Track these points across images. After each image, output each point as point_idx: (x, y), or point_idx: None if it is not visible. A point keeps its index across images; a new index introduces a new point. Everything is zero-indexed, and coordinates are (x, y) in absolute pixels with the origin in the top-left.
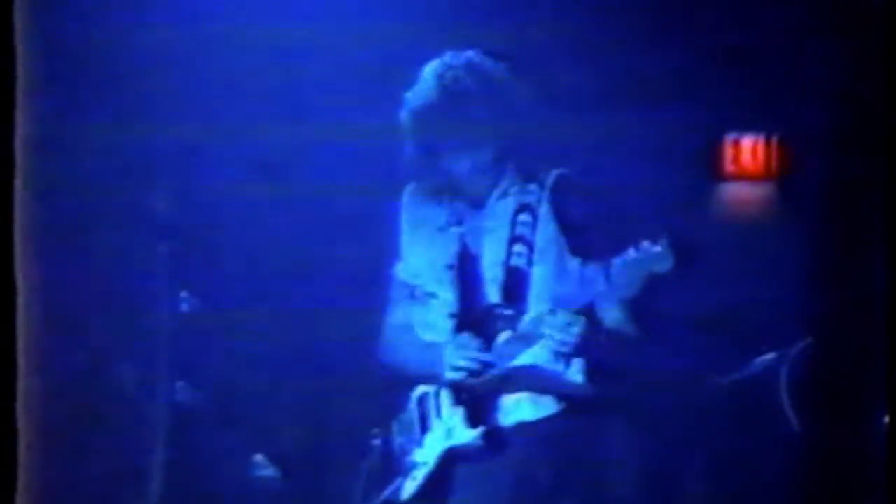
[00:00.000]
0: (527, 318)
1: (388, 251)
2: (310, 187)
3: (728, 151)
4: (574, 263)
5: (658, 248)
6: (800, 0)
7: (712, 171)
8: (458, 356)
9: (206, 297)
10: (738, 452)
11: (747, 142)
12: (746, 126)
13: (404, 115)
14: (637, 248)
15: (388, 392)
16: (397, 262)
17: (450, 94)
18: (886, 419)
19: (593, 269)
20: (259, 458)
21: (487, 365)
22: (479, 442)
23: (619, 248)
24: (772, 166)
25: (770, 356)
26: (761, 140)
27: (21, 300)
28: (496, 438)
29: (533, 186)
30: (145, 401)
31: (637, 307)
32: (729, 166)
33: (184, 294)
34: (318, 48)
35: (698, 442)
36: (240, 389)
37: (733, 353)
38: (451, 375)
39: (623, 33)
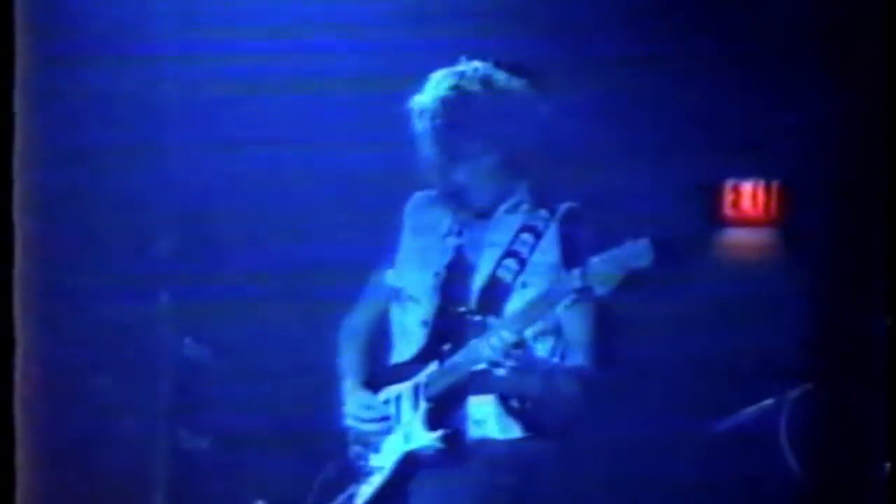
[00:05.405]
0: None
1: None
2: (313, 225)
3: (728, 196)
4: None
5: (639, 244)
6: (799, 44)
7: (712, 216)
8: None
9: (210, 343)
10: (737, 498)
11: (747, 187)
12: (747, 172)
13: (413, 120)
14: (618, 246)
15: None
16: (390, 268)
17: (455, 99)
18: (888, 466)
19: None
20: None
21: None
22: (440, 445)
23: None
24: (771, 211)
25: (768, 402)
26: (761, 185)
27: (20, 352)
28: (457, 443)
29: (543, 212)
30: (148, 448)
31: (629, 349)
32: (728, 211)
33: (187, 340)
34: (327, 56)
35: (696, 487)
36: (243, 436)
37: (731, 398)
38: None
39: (625, 76)
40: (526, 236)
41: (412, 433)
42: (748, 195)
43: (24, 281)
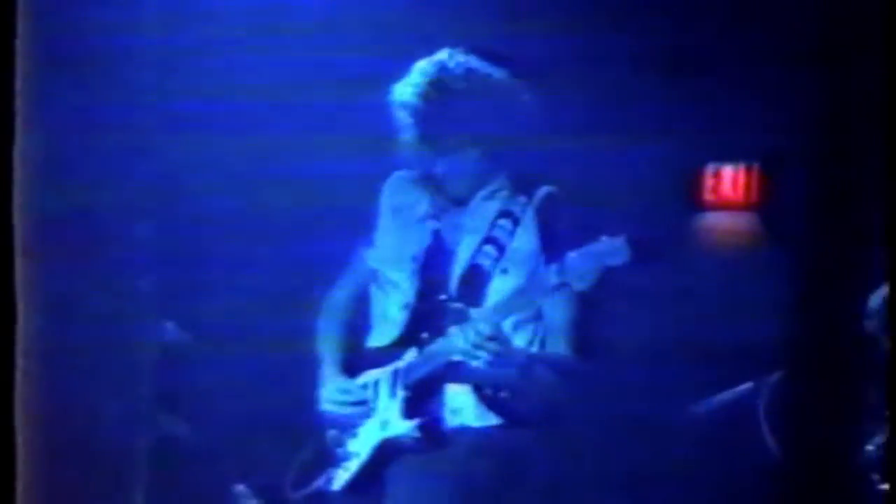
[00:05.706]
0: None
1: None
2: (297, 215)
3: (708, 181)
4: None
5: (615, 241)
6: (779, 29)
7: (693, 201)
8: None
9: (192, 327)
10: (715, 481)
11: (727, 171)
12: (728, 156)
13: (394, 108)
14: (595, 241)
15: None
16: (370, 250)
17: (436, 92)
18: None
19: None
20: (241, 488)
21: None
22: (416, 434)
23: None
24: (752, 196)
25: (748, 386)
26: (742, 169)
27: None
28: (434, 432)
29: (522, 198)
30: (129, 433)
31: (610, 336)
32: (709, 196)
33: (169, 324)
34: (309, 40)
35: (676, 471)
36: (224, 420)
37: (712, 383)
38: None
39: (605, 61)
40: (504, 222)
41: (389, 421)
42: (728, 179)
43: (23, 274)
